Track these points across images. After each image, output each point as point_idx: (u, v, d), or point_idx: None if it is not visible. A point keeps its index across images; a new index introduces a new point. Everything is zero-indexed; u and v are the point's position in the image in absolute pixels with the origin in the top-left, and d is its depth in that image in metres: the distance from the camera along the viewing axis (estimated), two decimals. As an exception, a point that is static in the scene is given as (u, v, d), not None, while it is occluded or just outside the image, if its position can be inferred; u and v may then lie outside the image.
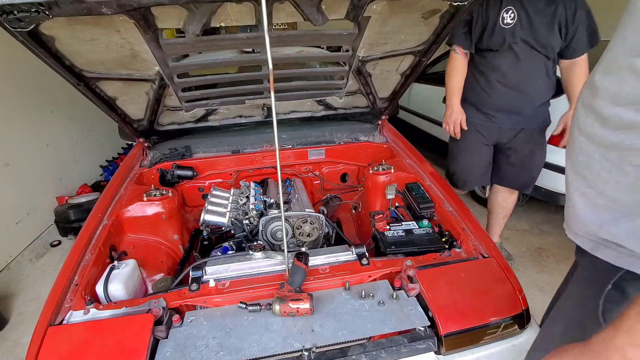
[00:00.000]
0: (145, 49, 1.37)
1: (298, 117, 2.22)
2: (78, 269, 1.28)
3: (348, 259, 1.33)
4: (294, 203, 1.83)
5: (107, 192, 1.73)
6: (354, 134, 2.31)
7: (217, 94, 1.87)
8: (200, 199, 2.11)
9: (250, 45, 1.54)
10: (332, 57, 1.90)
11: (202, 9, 1.20)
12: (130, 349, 0.98)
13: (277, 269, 1.29)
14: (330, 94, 2.05)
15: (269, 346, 1.01)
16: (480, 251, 1.33)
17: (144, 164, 2.06)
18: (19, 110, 3.02)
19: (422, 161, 1.96)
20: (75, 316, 1.11)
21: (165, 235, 1.72)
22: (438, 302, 1.11)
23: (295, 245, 1.62)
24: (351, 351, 1.03)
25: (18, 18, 1.05)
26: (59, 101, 3.44)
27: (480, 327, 1.08)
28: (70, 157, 3.65)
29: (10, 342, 2.31)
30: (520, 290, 1.17)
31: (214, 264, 1.29)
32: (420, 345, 1.05)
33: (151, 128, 2.00)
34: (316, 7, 1.29)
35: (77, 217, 3.12)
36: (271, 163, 2.15)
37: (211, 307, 1.17)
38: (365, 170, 2.00)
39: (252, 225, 1.65)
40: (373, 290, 1.18)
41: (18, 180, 2.96)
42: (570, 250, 1.63)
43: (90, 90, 1.55)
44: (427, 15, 1.50)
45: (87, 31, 1.23)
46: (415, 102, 4.75)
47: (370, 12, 1.40)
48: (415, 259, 1.29)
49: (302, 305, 1.08)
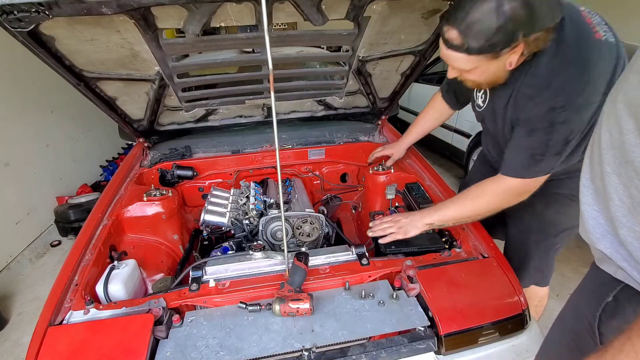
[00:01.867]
0: (145, 49, 1.37)
1: (298, 117, 2.22)
2: (78, 269, 1.28)
3: (348, 259, 1.33)
4: (294, 203, 1.83)
5: (107, 192, 1.73)
6: (354, 134, 2.31)
7: (217, 94, 1.87)
8: (200, 199, 2.11)
9: (250, 45, 1.54)
10: (332, 57, 1.90)
11: (202, 9, 1.20)
12: (130, 349, 0.98)
13: (277, 269, 1.29)
14: (330, 94, 2.05)
15: (269, 346, 1.01)
16: (480, 251, 1.33)
17: (144, 164, 2.06)
18: (19, 111, 3.02)
19: (422, 161, 1.96)
20: (75, 316, 1.11)
21: (165, 235, 1.72)
22: (438, 302, 1.11)
23: (295, 245, 1.62)
24: (351, 351, 1.03)
25: (18, 18, 1.05)
26: (58, 101, 3.44)
27: (480, 327, 1.08)
28: (70, 157, 3.66)
29: (10, 342, 2.31)
30: (520, 290, 1.17)
31: (214, 264, 1.29)
32: (420, 345, 1.05)
33: (151, 128, 2.00)
34: (316, 7, 1.29)
35: (77, 217, 3.13)
36: (271, 163, 2.15)
37: (211, 307, 1.17)
38: (365, 170, 2.00)
39: (252, 225, 1.65)
40: (373, 290, 1.18)
41: (18, 180, 2.96)
42: (570, 251, 1.63)
43: (90, 90, 1.55)
44: (427, 15, 1.50)
45: (87, 31, 1.23)
46: (415, 102, 4.76)
47: (370, 12, 1.40)
48: (415, 259, 1.29)
49: (302, 305, 1.08)
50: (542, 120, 1.07)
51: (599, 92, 1.02)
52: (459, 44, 1.00)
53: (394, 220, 1.37)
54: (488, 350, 1.09)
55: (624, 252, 0.67)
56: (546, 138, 1.08)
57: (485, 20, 0.92)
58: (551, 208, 1.44)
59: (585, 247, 0.84)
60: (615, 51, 1.05)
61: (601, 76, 1.02)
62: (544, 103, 1.05)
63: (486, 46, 0.97)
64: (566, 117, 1.04)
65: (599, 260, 0.75)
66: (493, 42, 0.96)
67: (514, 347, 1.11)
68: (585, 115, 1.06)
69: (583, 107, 1.03)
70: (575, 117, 1.04)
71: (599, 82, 1.02)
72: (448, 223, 1.33)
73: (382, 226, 1.38)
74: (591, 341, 0.74)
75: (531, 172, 1.15)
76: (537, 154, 1.11)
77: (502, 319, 1.10)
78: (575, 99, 1.01)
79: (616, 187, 0.65)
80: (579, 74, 1.01)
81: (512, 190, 1.20)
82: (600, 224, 0.71)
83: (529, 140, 1.12)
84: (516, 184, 1.18)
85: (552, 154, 1.10)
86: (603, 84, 1.03)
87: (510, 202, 1.22)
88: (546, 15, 0.94)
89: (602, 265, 0.74)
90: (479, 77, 1.12)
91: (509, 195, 1.21)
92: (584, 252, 2.63)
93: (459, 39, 0.99)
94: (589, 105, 1.03)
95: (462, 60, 1.05)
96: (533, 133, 1.11)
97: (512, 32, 0.93)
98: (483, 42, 0.96)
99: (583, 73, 1.01)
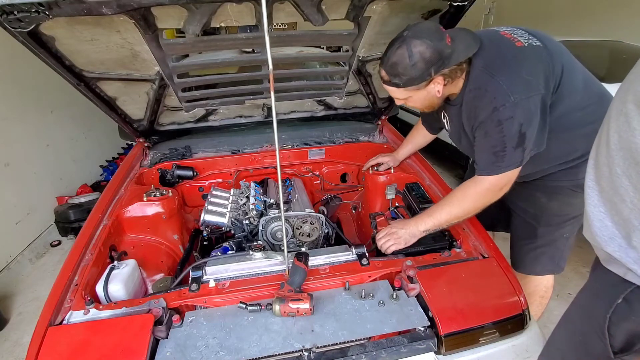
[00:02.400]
0: (145, 49, 1.37)
1: (298, 117, 2.22)
2: (78, 269, 1.28)
3: (348, 259, 1.33)
4: (294, 203, 1.83)
5: (107, 192, 1.72)
6: (354, 134, 2.31)
7: (217, 94, 1.87)
8: (200, 199, 2.11)
9: (250, 45, 1.54)
10: (332, 57, 1.90)
11: (202, 9, 1.20)
12: (130, 349, 0.98)
13: (277, 269, 1.29)
14: (330, 94, 2.05)
15: (269, 346, 1.02)
16: (480, 251, 1.33)
17: (144, 164, 2.06)
18: (19, 111, 3.02)
19: (422, 161, 1.96)
20: (75, 316, 1.11)
21: (165, 235, 1.72)
22: (438, 302, 1.11)
23: (295, 245, 1.62)
24: (351, 351, 1.03)
25: (18, 18, 1.05)
26: (58, 101, 3.44)
27: (480, 327, 1.08)
28: (70, 157, 3.65)
29: (10, 342, 2.31)
30: (520, 290, 1.17)
31: (214, 264, 1.29)
32: (420, 346, 1.05)
33: (151, 128, 2.00)
34: (316, 7, 1.29)
35: (77, 217, 3.13)
36: (271, 163, 2.15)
37: (211, 307, 1.17)
38: (366, 171, 2.00)
39: (252, 226, 1.65)
40: (373, 291, 1.18)
41: (18, 180, 2.96)
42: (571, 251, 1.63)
43: (90, 90, 1.55)
44: (427, 15, 1.50)
45: (87, 31, 1.23)
46: (415, 102, 4.73)
47: (370, 12, 1.40)
48: (415, 259, 1.29)
49: (302, 305, 1.08)
50: (491, 121, 1.21)
51: (536, 84, 1.19)
52: (388, 80, 1.27)
53: (390, 233, 1.40)
54: (488, 350, 1.09)
55: (634, 255, 0.66)
56: (500, 135, 1.21)
57: (401, 62, 1.19)
58: (554, 200, 1.49)
59: (585, 247, 0.84)
60: (544, 50, 1.24)
61: (532, 73, 1.19)
62: (486, 107, 1.21)
63: (406, 81, 1.23)
64: (509, 113, 1.17)
65: (606, 261, 0.74)
66: (410, 78, 1.21)
67: (514, 347, 1.11)
68: (527, 106, 1.18)
69: (521, 100, 1.16)
70: (517, 110, 1.17)
71: (531, 77, 1.19)
72: (442, 225, 1.37)
73: (380, 243, 1.41)
74: (600, 343, 0.72)
75: (499, 167, 1.25)
76: (499, 150, 1.23)
77: (502, 319, 1.10)
78: (509, 97, 1.16)
79: (627, 189, 0.64)
80: (507, 76, 1.18)
81: (492, 187, 1.29)
82: (607, 227, 0.70)
83: (487, 140, 1.26)
84: (493, 181, 1.28)
85: (512, 148, 1.21)
86: (538, 76, 1.19)
87: (494, 197, 1.32)
88: (460, 52, 1.19)
89: (610, 266, 0.73)
90: (416, 103, 1.36)
91: (491, 192, 1.31)
92: (584, 252, 2.62)
93: (386, 77, 1.27)
94: (528, 97, 1.17)
95: (396, 92, 1.31)
96: (488, 134, 1.25)
97: (425, 69, 1.18)
98: (403, 79, 1.22)
99: (510, 74, 1.18)
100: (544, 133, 1.25)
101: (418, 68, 1.18)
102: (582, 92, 1.29)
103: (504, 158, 1.23)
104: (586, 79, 1.33)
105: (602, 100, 1.32)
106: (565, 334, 0.85)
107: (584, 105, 1.30)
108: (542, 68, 1.21)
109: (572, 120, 1.31)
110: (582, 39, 3.61)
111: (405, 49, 1.17)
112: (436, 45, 1.16)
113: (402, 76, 1.22)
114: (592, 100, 1.31)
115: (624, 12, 4.48)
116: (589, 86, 1.33)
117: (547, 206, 1.51)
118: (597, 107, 1.29)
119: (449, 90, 1.33)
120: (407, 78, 1.22)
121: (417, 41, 1.16)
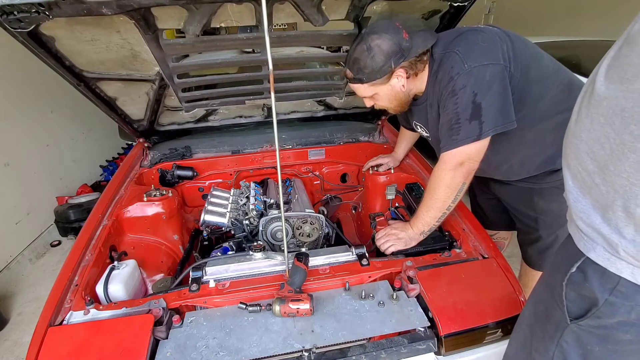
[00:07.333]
0: (145, 49, 1.37)
1: (298, 117, 2.22)
2: (78, 269, 1.28)
3: (348, 259, 1.33)
4: (294, 203, 1.83)
5: (107, 192, 1.72)
6: (354, 134, 2.30)
7: (217, 94, 1.87)
8: (200, 199, 2.11)
9: (250, 46, 1.54)
10: (332, 58, 1.89)
11: (202, 9, 1.20)
12: (130, 350, 0.98)
13: (277, 270, 1.29)
14: (331, 94, 2.05)
15: (269, 347, 1.02)
16: (480, 252, 1.33)
17: (144, 164, 2.06)
18: (19, 110, 3.02)
19: (422, 161, 1.96)
20: (75, 316, 1.11)
21: (165, 236, 1.72)
22: (438, 302, 1.11)
23: (295, 245, 1.62)
24: (351, 352, 1.03)
25: (18, 18, 1.05)
26: (58, 101, 3.44)
27: (480, 327, 1.08)
28: (70, 157, 3.66)
29: (10, 342, 2.31)
30: (520, 291, 1.17)
31: (214, 265, 1.29)
32: (420, 346, 1.05)
33: (151, 128, 2.00)
34: (316, 7, 1.29)
35: (77, 217, 3.13)
36: (271, 163, 2.15)
37: (211, 307, 1.17)
38: (366, 171, 2.00)
39: (252, 226, 1.65)
40: (373, 291, 1.18)
41: (18, 180, 2.96)
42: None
43: (90, 90, 1.55)
44: (427, 15, 1.50)
45: (87, 31, 1.23)
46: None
47: (371, 13, 1.40)
48: (415, 260, 1.29)
49: (302, 305, 1.08)
50: (447, 93, 1.22)
51: (494, 54, 1.17)
52: (352, 77, 1.32)
53: (389, 234, 1.41)
54: (488, 350, 1.10)
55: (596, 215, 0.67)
56: (454, 107, 1.21)
57: (361, 57, 1.24)
58: (553, 202, 1.49)
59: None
60: (504, 34, 1.24)
61: (489, 42, 1.19)
62: (445, 79, 1.22)
63: (368, 75, 1.26)
64: (463, 82, 1.17)
65: (569, 225, 0.77)
66: (372, 71, 1.25)
67: (514, 347, 1.11)
68: (481, 74, 1.16)
69: (474, 68, 1.16)
70: (470, 79, 1.17)
71: (487, 45, 1.19)
72: (436, 223, 1.37)
73: (380, 242, 1.42)
74: (559, 310, 0.75)
75: (455, 141, 1.23)
76: (453, 123, 1.22)
77: (502, 319, 1.10)
78: (463, 65, 1.17)
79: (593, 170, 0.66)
80: (462, 46, 1.20)
81: (451, 163, 1.26)
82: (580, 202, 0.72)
83: (444, 116, 1.26)
84: (451, 156, 1.25)
85: (465, 120, 1.19)
86: (495, 47, 1.18)
87: (460, 176, 1.26)
88: (419, 44, 1.23)
89: (570, 230, 0.76)
90: (384, 102, 1.39)
91: (453, 170, 1.26)
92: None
93: (350, 74, 1.31)
94: (482, 65, 1.16)
95: (362, 89, 1.34)
96: (445, 108, 1.25)
97: (384, 61, 1.22)
98: (365, 72, 1.26)
99: (467, 44, 1.20)
100: (508, 108, 1.20)
101: (377, 60, 1.22)
102: (552, 77, 1.30)
103: (459, 130, 1.21)
104: (555, 67, 1.33)
105: (571, 88, 1.31)
106: (532, 306, 0.88)
107: (555, 92, 1.29)
108: (500, 45, 1.20)
109: (542, 109, 1.30)
110: (582, 38, 3.61)
111: (364, 44, 1.22)
112: (393, 38, 1.21)
113: (364, 70, 1.25)
114: (562, 87, 1.30)
115: (624, 11, 4.48)
116: (557, 73, 1.32)
117: (546, 208, 1.52)
118: (566, 95, 1.29)
119: (414, 86, 1.35)
120: (368, 71, 1.25)
121: (375, 35, 1.21)
